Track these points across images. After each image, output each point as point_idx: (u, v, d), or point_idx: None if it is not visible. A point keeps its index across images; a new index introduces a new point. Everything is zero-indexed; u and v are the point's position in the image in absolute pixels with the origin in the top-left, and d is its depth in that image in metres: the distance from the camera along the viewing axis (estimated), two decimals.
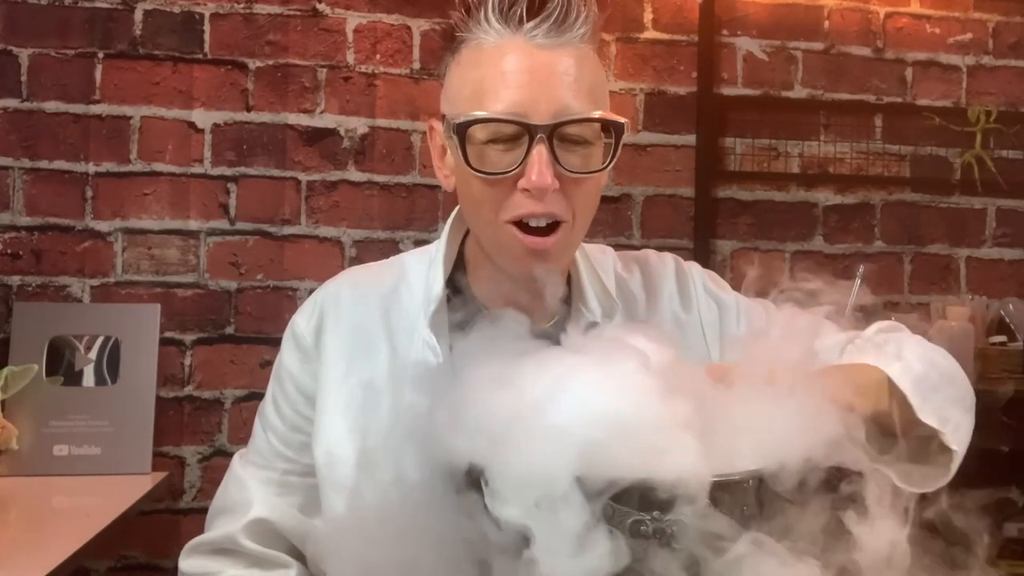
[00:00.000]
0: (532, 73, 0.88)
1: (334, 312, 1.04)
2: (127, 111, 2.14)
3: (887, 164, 2.44)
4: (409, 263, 1.07)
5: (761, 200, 2.40)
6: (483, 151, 0.89)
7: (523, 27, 0.89)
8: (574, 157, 0.90)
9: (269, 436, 1.06)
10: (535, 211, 0.89)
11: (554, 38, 0.89)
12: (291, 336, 1.06)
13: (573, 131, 0.89)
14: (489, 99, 0.88)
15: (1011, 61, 2.50)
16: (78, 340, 2.03)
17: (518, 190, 0.89)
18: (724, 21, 2.37)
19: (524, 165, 0.87)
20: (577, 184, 0.90)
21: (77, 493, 1.87)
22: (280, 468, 1.05)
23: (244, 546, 1.04)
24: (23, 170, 2.10)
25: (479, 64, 0.90)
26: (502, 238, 0.91)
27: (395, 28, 2.23)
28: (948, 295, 2.44)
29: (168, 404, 2.12)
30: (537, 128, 0.87)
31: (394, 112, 2.23)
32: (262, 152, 2.18)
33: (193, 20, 2.15)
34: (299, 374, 1.04)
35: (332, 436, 0.99)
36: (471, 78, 0.91)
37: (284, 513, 1.04)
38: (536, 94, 0.87)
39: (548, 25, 0.88)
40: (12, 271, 2.09)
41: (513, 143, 0.89)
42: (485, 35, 0.90)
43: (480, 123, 0.88)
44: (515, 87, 0.88)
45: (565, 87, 0.88)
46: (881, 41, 2.44)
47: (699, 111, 2.33)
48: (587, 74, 0.91)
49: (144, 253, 2.14)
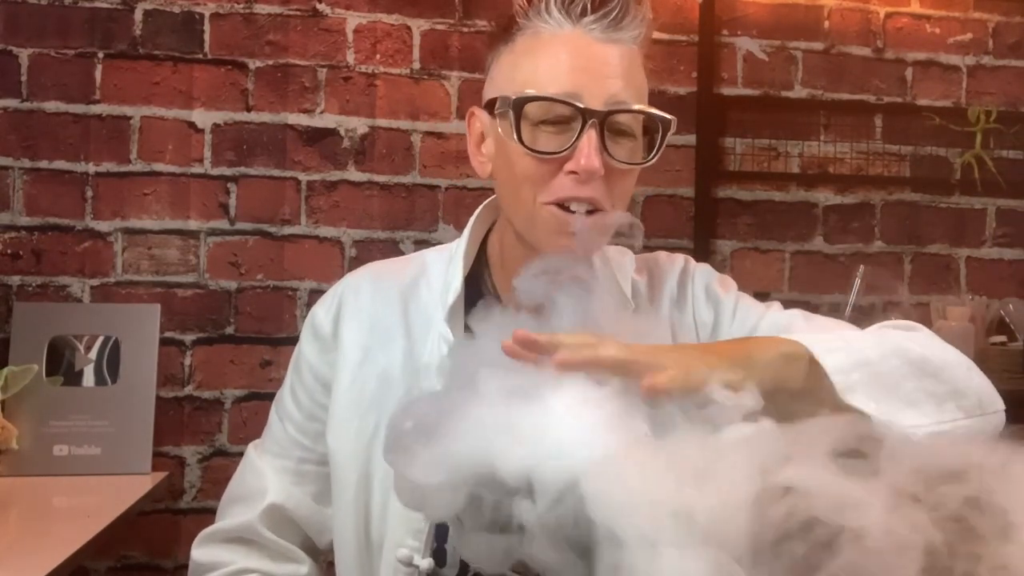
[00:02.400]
0: (588, 61, 0.91)
1: (354, 303, 1.06)
2: (127, 111, 2.14)
3: (887, 164, 2.44)
4: (430, 259, 1.08)
5: (761, 200, 2.40)
6: (534, 131, 0.91)
7: (583, 20, 0.92)
8: (621, 148, 0.92)
9: (286, 425, 1.08)
10: (578, 195, 0.91)
11: (610, 33, 0.92)
12: (310, 325, 1.07)
13: (623, 121, 0.92)
14: (545, 82, 0.91)
15: (1011, 61, 2.50)
16: (78, 340, 2.03)
17: (563, 173, 0.91)
18: (724, 21, 2.37)
19: (574, 148, 0.90)
20: (620, 175, 0.93)
21: (77, 493, 1.87)
22: (296, 456, 1.07)
23: (261, 534, 1.05)
24: (23, 170, 2.10)
25: (535, 51, 0.93)
26: (540, 217, 0.93)
27: (395, 28, 2.23)
28: (948, 295, 2.44)
29: (168, 404, 2.12)
30: (591, 112, 0.89)
31: (394, 112, 2.23)
32: (262, 152, 2.18)
33: (193, 20, 2.15)
34: (317, 363, 1.05)
35: (344, 425, 1.01)
36: (527, 63, 0.93)
37: (300, 502, 1.06)
38: (591, 82, 0.90)
39: (607, 21, 0.92)
40: (12, 271, 2.09)
41: (564, 126, 0.91)
42: (544, 24, 0.93)
43: (537, 100, 0.90)
44: (571, 72, 0.90)
45: (618, 79, 0.91)
46: (881, 41, 2.44)
47: (699, 111, 2.33)
48: (636, 73, 0.94)
49: (144, 253, 2.14)
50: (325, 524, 1.06)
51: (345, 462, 1.00)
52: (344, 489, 1.00)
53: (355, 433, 1.00)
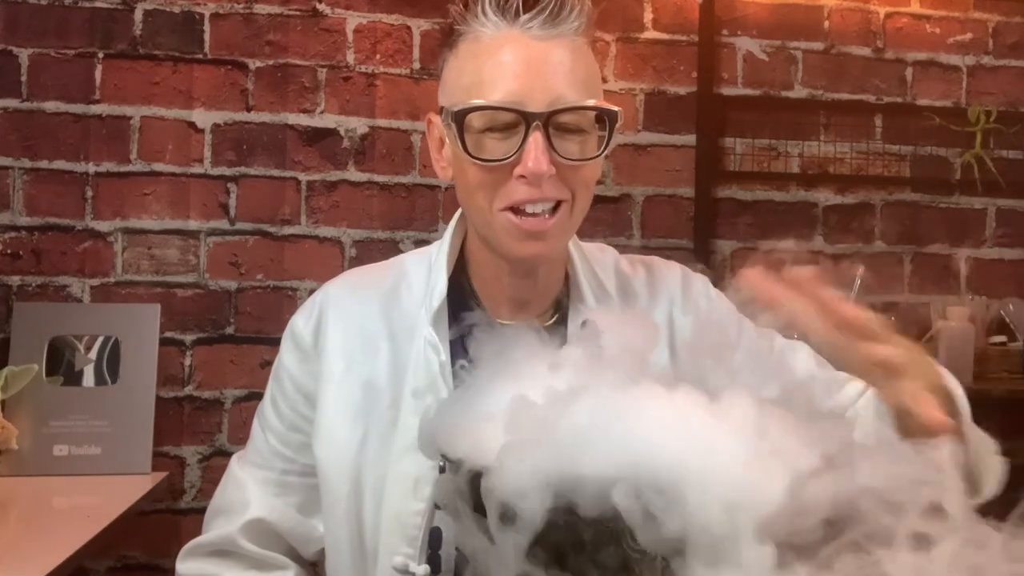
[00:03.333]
0: (528, 63, 0.90)
1: (334, 312, 1.05)
2: (127, 111, 2.14)
3: (887, 164, 2.44)
4: (409, 263, 1.08)
5: (761, 200, 2.40)
6: (480, 139, 0.91)
7: (519, 20, 0.91)
8: (569, 144, 0.92)
9: (268, 436, 1.06)
10: (531, 197, 0.91)
11: (549, 30, 0.91)
12: (290, 336, 1.06)
13: (568, 119, 0.91)
14: (487, 89, 0.90)
15: (1011, 61, 2.50)
16: (78, 340, 2.03)
17: (514, 178, 0.91)
18: (724, 21, 2.37)
19: (520, 152, 0.90)
20: (573, 170, 0.92)
21: (77, 493, 1.87)
22: (279, 468, 1.06)
23: (242, 547, 1.04)
24: (23, 170, 2.10)
25: (476, 56, 0.92)
26: (498, 224, 0.93)
27: (395, 28, 2.23)
28: (948, 295, 2.44)
29: (168, 404, 2.13)
30: (533, 116, 0.89)
31: (394, 112, 2.23)
32: (262, 152, 2.18)
33: (193, 20, 2.15)
34: (298, 374, 1.04)
35: (332, 435, 1.00)
36: (468, 69, 0.93)
37: (283, 513, 1.05)
38: (532, 83, 0.90)
39: (543, 18, 0.91)
40: (12, 271, 2.09)
41: (510, 131, 0.91)
42: (482, 28, 0.92)
43: (477, 111, 0.90)
44: (511, 77, 0.90)
45: (560, 77, 0.91)
46: (881, 41, 2.44)
47: (699, 111, 2.33)
48: (581, 66, 0.93)
49: (144, 253, 2.14)
50: (310, 535, 1.05)
51: (334, 473, 0.99)
52: (335, 500, 0.99)
53: (343, 443, 0.99)
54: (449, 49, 0.96)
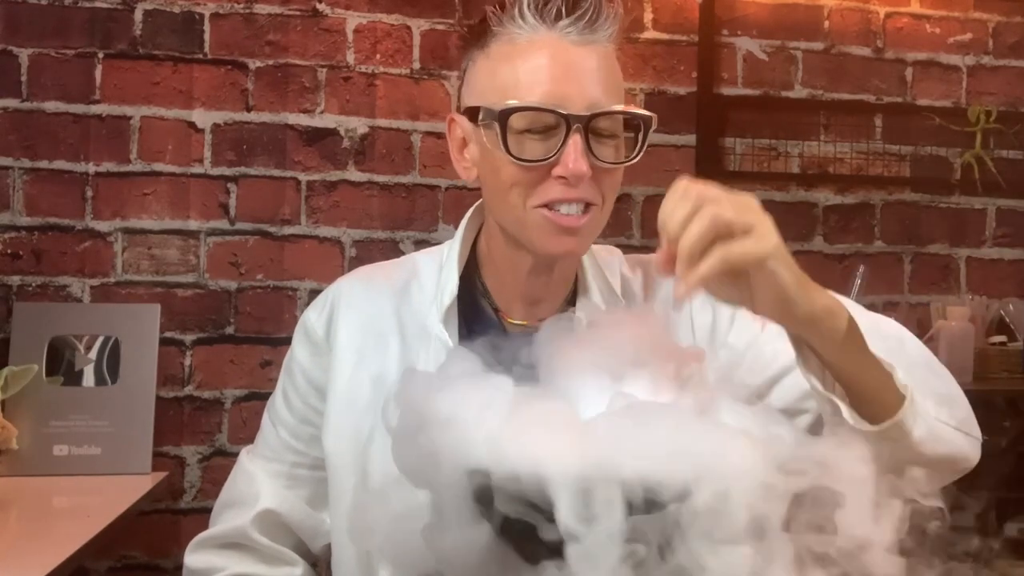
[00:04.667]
0: (566, 67, 0.92)
1: (346, 306, 1.06)
2: (127, 111, 2.14)
3: (887, 164, 2.44)
4: (421, 261, 1.09)
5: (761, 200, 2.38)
6: (520, 139, 0.92)
7: (558, 24, 0.92)
8: (605, 148, 0.94)
9: (279, 429, 1.08)
10: (568, 197, 0.93)
11: (586, 35, 0.93)
12: (302, 329, 1.08)
13: (604, 124, 0.93)
14: (524, 90, 0.92)
15: (1011, 61, 2.50)
16: (78, 340, 2.03)
17: (551, 177, 0.93)
18: (724, 21, 2.37)
19: (560, 153, 0.91)
20: (606, 174, 0.95)
21: (77, 493, 1.87)
22: (289, 461, 1.07)
23: (254, 539, 1.05)
24: (23, 170, 2.10)
25: (511, 58, 0.93)
26: (531, 221, 0.94)
27: (395, 28, 2.23)
28: (948, 295, 2.44)
29: (168, 404, 2.12)
30: (574, 118, 0.91)
31: (394, 112, 2.23)
32: (262, 152, 2.18)
33: (193, 20, 2.15)
34: (310, 367, 1.06)
35: (340, 428, 1.01)
36: (502, 71, 0.94)
37: (293, 506, 1.06)
38: (570, 88, 0.91)
39: (582, 24, 0.92)
40: (12, 271, 2.09)
41: (549, 133, 0.92)
42: (519, 30, 0.93)
43: (522, 111, 0.91)
44: (551, 80, 0.92)
45: (597, 82, 0.93)
46: (881, 41, 2.44)
47: (699, 111, 2.34)
48: (613, 72, 0.96)
49: (144, 253, 2.14)
50: (318, 528, 1.07)
51: (341, 466, 1.00)
52: (342, 492, 1.00)
53: (351, 437, 1.00)
54: (479, 49, 0.97)
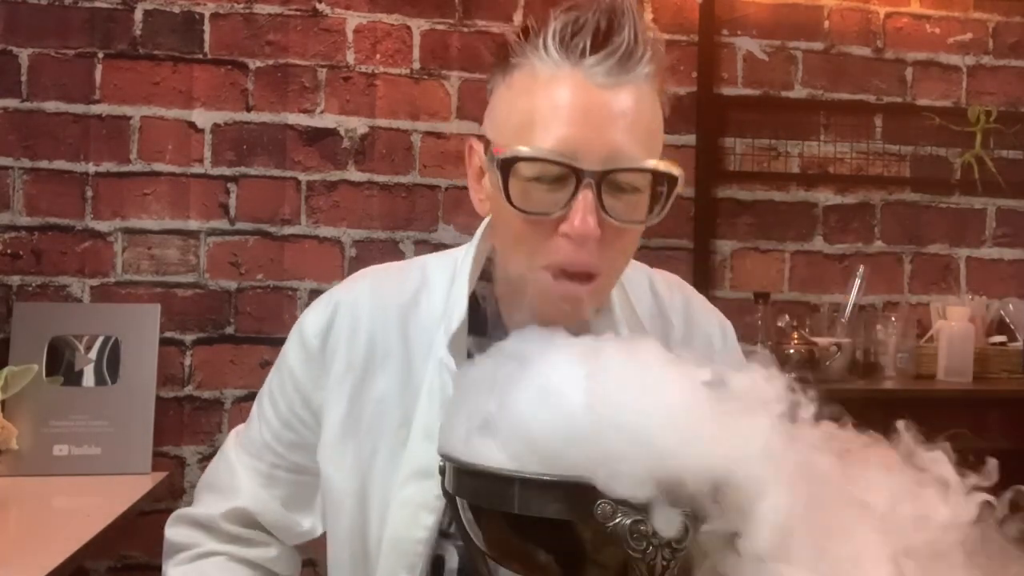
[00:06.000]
0: (586, 112, 0.82)
1: (349, 318, 0.99)
2: (127, 111, 2.14)
3: (887, 164, 2.44)
4: (432, 270, 1.02)
5: (761, 200, 2.40)
6: (527, 188, 0.84)
7: (583, 61, 0.82)
8: (621, 204, 0.84)
9: (262, 427, 1.05)
10: (574, 260, 0.84)
11: (615, 77, 0.82)
12: (299, 334, 1.02)
13: (623, 178, 0.83)
14: (539, 133, 0.82)
15: (1011, 61, 2.50)
16: (78, 340, 2.03)
17: (558, 234, 0.83)
18: (724, 21, 2.37)
19: (568, 208, 0.82)
20: (620, 233, 0.85)
21: (77, 493, 1.87)
22: (268, 461, 1.05)
23: (225, 529, 1.05)
24: (23, 170, 2.10)
25: (531, 93, 0.84)
26: (535, 280, 0.86)
27: (395, 28, 2.23)
28: (948, 295, 2.44)
29: (168, 404, 2.13)
30: (585, 173, 0.81)
31: (394, 112, 2.23)
32: (262, 152, 2.18)
33: (193, 20, 2.15)
34: (301, 376, 1.01)
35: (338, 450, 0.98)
36: (521, 107, 0.85)
37: (267, 506, 1.04)
38: (588, 135, 0.82)
39: (611, 63, 0.82)
40: (12, 271, 2.09)
41: (558, 184, 0.83)
42: (541, 63, 0.84)
43: (525, 161, 0.83)
44: (567, 125, 0.82)
45: (620, 130, 0.82)
46: (881, 41, 2.44)
47: (699, 111, 2.33)
48: (645, 117, 0.85)
49: (144, 253, 2.14)
50: (292, 528, 1.05)
51: (339, 488, 0.97)
52: (339, 516, 0.97)
53: (351, 459, 0.96)
54: (502, 75, 0.88)
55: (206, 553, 1.05)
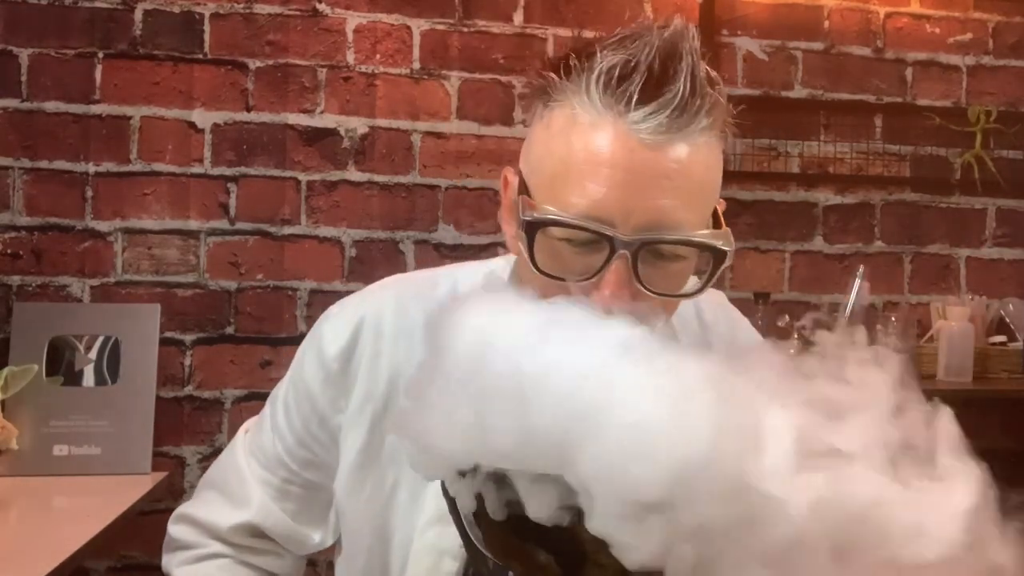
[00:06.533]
0: (627, 171, 0.72)
1: (372, 338, 0.93)
2: (127, 111, 2.14)
3: (887, 164, 2.44)
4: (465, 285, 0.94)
5: (761, 200, 2.40)
6: (556, 248, 0.75)
7: (630, 113, 0.72)
8: (660, 275, 0.75)
9: (276, 441, 1.01)
10: None
11: (664, 134, 0.72)
12: (318, 348, 0.95)
13: (664, 248, 0.75)
14: (573, 189, 0.73)
15: (1011, 61, 2.50)
16: (78, 340, 2.03)
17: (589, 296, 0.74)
18: (724, 21, 2.37)
19: (600, 276, 0.73)
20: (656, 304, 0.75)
21: (77, 493, 1.87)
22: (281, 476, 1.01)
23: (230, 539, 1.02)
24: (23, 170, 2.10)
25: (569, 138, 0.75)
26: None
27: (395, 28, 2.23)
28: (948, 295, 2.44)
29: (168, 404, 2.13)
30: (619, 243, 0.72)
31: (394, 112, 2.23)
32: (262, 152, 2.18)
33: (193, 20, 2.15)
34: (319, 396, 0.95)
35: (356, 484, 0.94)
36: (557, 152, 0.76)
37: (278, 520, 1.01)
38: (627, 198, 0.72)
39: (661, 117, 0.72)
40: (12, 271, 2.09)
41: (592, 247, 0.74)
42: (582, 107, 0.74)
43: (554, 225, 0.74)
44: (604, 184, 0.72)
45: (664, 194, 0.73)
46: (881, 41, 2.44)
47: None
48: (697, 173, 0.75)
49: (144, 253, 2.14)
50: (302, 542, 1.02)
51: (357, 521, 0.93)
52: (355, 551, 0.94)
53: (370, 490, 0.92)
54: (542, 105, 0.79)
55: (210, 555, 1.02)
